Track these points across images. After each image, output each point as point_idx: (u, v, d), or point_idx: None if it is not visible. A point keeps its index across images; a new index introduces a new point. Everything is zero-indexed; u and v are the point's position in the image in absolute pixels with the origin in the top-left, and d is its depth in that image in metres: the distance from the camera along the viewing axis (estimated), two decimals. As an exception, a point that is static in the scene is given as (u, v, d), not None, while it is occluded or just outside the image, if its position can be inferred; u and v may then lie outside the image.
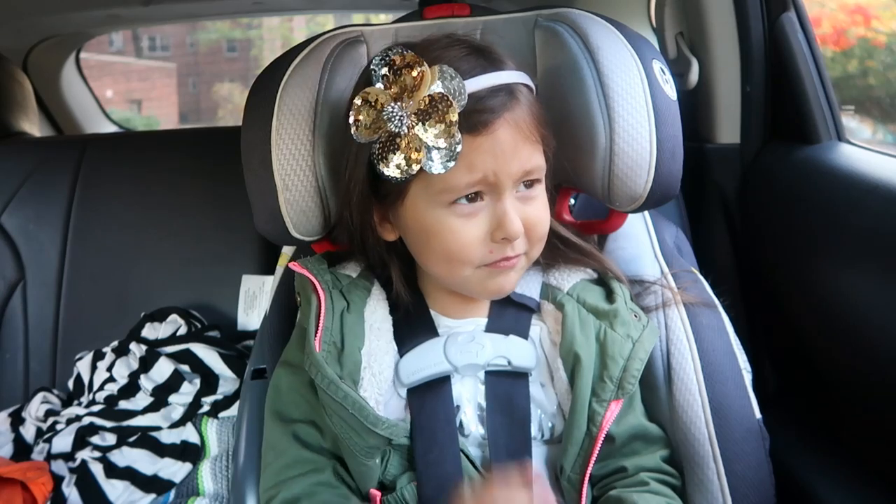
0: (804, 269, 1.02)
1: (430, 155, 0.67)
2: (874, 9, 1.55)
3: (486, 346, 0.75)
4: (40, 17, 1.85)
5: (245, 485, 0.81)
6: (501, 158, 0.68)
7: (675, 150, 0.79)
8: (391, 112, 0.68)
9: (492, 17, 0.86)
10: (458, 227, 0.70)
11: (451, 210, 0.70)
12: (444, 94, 0.66)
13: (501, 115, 0.68)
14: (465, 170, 0.68)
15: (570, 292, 0.81)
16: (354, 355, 0.73)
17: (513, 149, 0.69)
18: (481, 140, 0.68)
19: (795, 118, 1.10)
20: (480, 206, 0.71)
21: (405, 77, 0.68)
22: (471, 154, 0.67)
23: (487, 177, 0.69)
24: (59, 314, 1.49)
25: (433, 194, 0.70)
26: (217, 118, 10.58)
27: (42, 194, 1.54)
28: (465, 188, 0.69)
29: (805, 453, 0.97)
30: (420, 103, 0.67)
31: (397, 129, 0.68)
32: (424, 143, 0.67)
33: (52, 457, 1.20)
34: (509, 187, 0.70)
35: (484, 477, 0.72)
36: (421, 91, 0.67)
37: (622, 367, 0.74)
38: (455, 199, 0.70)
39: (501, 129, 0.68)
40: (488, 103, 0.68)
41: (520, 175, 0.70)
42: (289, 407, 0.76)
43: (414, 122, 0.67)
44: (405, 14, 0.89)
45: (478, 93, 0.68)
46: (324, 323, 0.73)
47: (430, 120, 0.66)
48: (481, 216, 0.71)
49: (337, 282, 0.79)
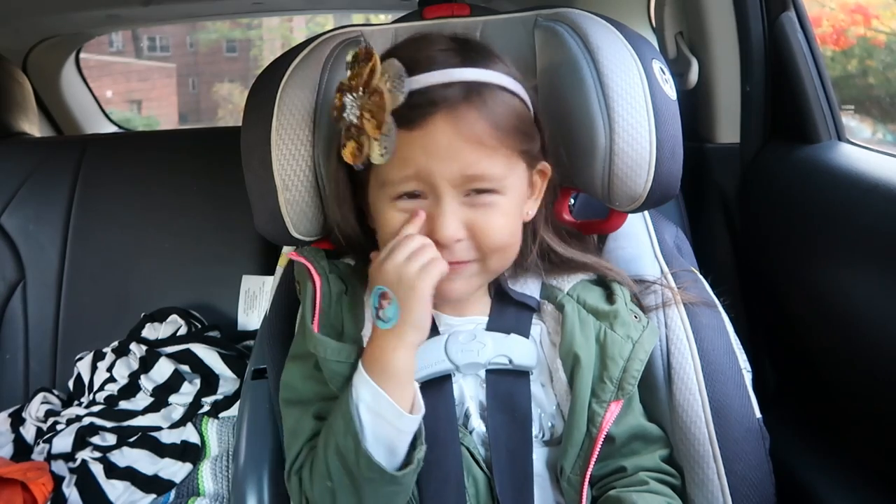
0: (804, 269, 1.02)
1: (371, 146, 0.68)
2: (874, 8, 1.55)
3: (487, 345, 0.75)
4: (40, 17, 1.85)
5: (245, 485, 0.81)
6: (434, 156, 0.68)
7: (675, 150, 0.79)
8: (345, 102, 0.70)
9: (492, 17, 0.86)
10: (397, 223, 0.71)
11: (393, 205, 0.71)
12: (379, 87, 0.67)
13: (440, 110, 0.67)
14: (400, 164, 0.68)
15: (571, 293, 0.81)
16: (354, 336, 0.74)
17: (448, 148, 0.67)
18: (415, 135, 0.67)
19: (795, 118, 1.10)
20: (420, 205, 0.70)
21: (361, 69, 0.69)
22: (403, 148, 0.68)
23: (420, 173, 0.68)
24: (59, 314, 1.50)
25: (378, 186, 0.72)
26: (217, 118, 10.59)
27: (42, 194, 1.55)
28: (399, 182, 0.70)
29: (805, 453, 0.97)
30: (367, 95, 0.68)
31: (348, 119, 0.70)
32: (367, 134, 0.68)
33: (53, 457, 1.20)
34: (447, 189, 0.69)
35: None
36: (370, 84, 0.68)
37: (622, 368, 0.74)
38: (397, 195, 0.70)
39: (435, 126, 0.67)
40: (430, 96, 0.67)
41: (459, 179, 0.68)
42: (303, 393, 0.75)
43: (362, 114, 0.68)
44: (405, 14, 0.89)
45: (426, 88, 0.67)
46: (320, 307, 0.74)
47: (369, 112, 0.68)
48: (424, 217, 0.70)
49: (334, 267, 0.79)
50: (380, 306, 0.68)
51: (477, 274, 0.74)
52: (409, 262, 0.68)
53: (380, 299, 0.68)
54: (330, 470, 0.67)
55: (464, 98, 0.68)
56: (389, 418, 0.66)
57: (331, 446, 0.67)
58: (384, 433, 0.66)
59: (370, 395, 0.66)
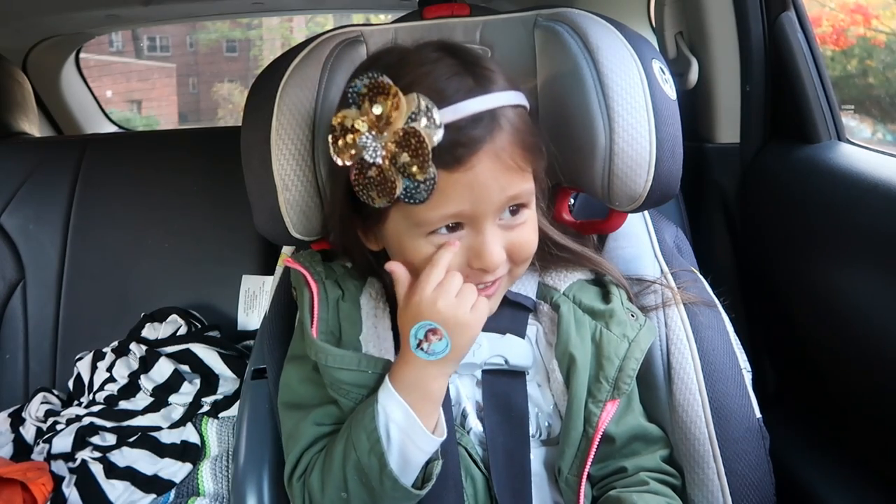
0: (804, 269, 1.02)
1: (405, 187, 0.65)
2: (874, 8, 1.55)
3: (482, 345, 0.75)
4: (40, 17, 1.85)
5: (245, 485, 0.81)
6: (479, 192, 0.66)
7: (675, 150, 0.79)
8: (366, 142, 0.65)
9: (491, 17, 0.86)
10: (428, 254, 0.69)
11: (428, 240, 0.69)
12: (417, 129, 0.63)
13: (481, 148, 0.65)
14: (442, 204, 0.66)
15: (567, 293, 0.81)
16: (353, 342, 0.74)
17: (492, 181, 0.66)
18: (458, 175, 0.65)
19: (795, 118, 1.10)
20: (460, 236, 0.69)
21: (380, 104, 0.65)
22: (447, 189, 0.65)
23: (463, 211, 0.67)
24: (59, 314, 1.49)
25: (410, 225, 0.69)
26: (217, 118, 10.58)
27: (42, 194, 1.54)
28: (441, 221, 0.68)
29: (805, 453, 0.97)
30: (394, 135, 0.64)
31: (372, 159, 0.65)
32: (399, 175, 0.65)
33: (52, 457, 1.20)
34: (489, 218, 0.68)
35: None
36: (396, 123, 0.64)
37: (618, 367, 0.74)
38: (434, 230, 0.69)
39: (480, 164, 0.65)
40: (468, 134, 0.65)
41: (502, 204, 0.68)
42: (301, 396, 0.76)
43: (389, 153, 0.64)
44: (405, 14, 0.89)
45: (457, 122, 0.65)
46: (318, 314, 0.74)
47: (404, 153, 0.64)
48: (460, 246, 0.69)
49: (331, 272, 0.79)
50: (426, 339, 0.67)
51: (506, 286, 0.75)
52: (461, 302, 0.67)
53: (427, 333, 0.67)
54: (347, 483, 0.68)
55: (498, 128, 0.66)
56: (418, 440, 0.67)
57: (350, 460, 0.67)
58: (409, 453, 0.67)
59: (403, 416, 0.66)
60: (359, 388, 0.70)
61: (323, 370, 0.71)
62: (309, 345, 0.72)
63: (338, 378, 0.70)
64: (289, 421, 0.76)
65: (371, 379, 0.70)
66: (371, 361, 0.70)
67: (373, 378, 0.70)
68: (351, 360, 0.70)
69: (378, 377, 0.70)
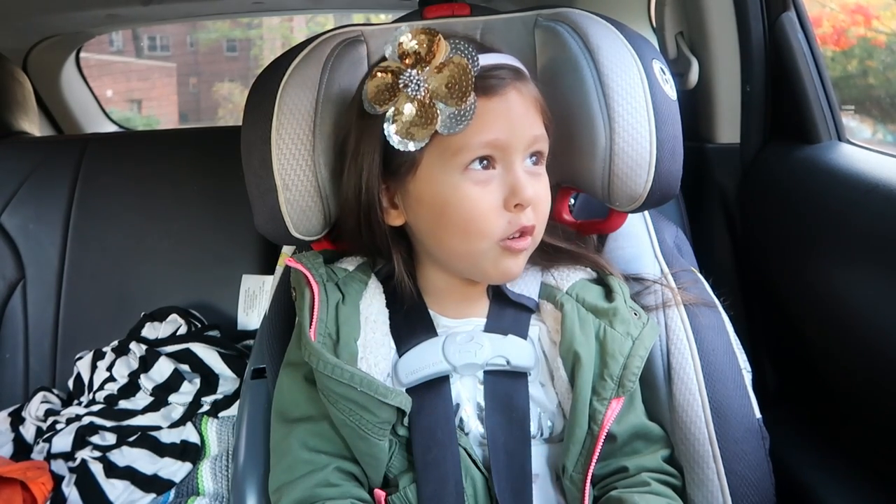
0: (804, 269, 1.02)
1: (445, 117, 0.69)
2: (874, 8, 1.55)
3: (484, 346, 0.75)
4: (40, 17, 1.85)
5: (245, 485, 0.81)
6: (514, 121, 0.71)
7: (675, 150, 0.79)
8: (408, 77, 0.71)
9: (492, 17, 0.86)
10: (475, 195, 0.71)
11: (465, 176, 0.71)
12: (459, 59, 0.70)
13: (512, 83, 0.72)
14: (481, 130, 0.70)
15: (570, 291, 0.81)
16: (350, 346, 0.74)
17: (524, 114, 0.72)
18: (494, 103, 0.71)
19: (795, 118, 1.10)
20: (493, 175, 0.72)
21: (420, 48, 0.71)
22: (484, 115, 0.70)
23: (499, 138, 0.71)
24: (59, 314, 1.49)
25: (448, 158, 0.71)
26: (217, 118, 10.57)
27: (42, 194, 1.54)
28: (479, 148, 0.71)
29: (805, 453, 0.97)
30: (436, 69, 0.70)
31: (414, 93, 0.70)
32: (439, 106, 0.69)
33: (52, 456, 1.20)
34: (520, 153, 0.72)
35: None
36: (437, 58, 0.71)
37: (622, 365, 0.74)
38: (469, 163, 0.71)
39: (512, 95, 0.72)
40: (499, 73, 0.72)
41: (530, 140, 0.72)
42: (289, 406, 0.76)
43: (430, 86, 0.70)
44: (405, 14, 0.89)
45: (488, 65, 0.72)
46: (318, 315, 0.74)
47: (444, 85, 0.69)
48: (495, 184, 0.71)
49: (332, 274, 0.79)
50: None
51: (531, 249, 0.76)
52: None
53: None
54: None
55: (523, 77, 0.74)
56: None
57: None
58: None
59: None
60: (347, 401, 0.70)
61: (316, 374, 0.71)
62: (305, 347, 0.72)
63: (328, 386, 0.70)
64: (276, 432, 0.76)
65: (360, 397, 0.69)
66: (363, 381, 0.69)
67: (362, 396, 0.69)
68: (342, 374, 0.69)
69: (367, 397, 0.69)
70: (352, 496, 0.72)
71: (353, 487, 0.73)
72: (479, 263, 0.75)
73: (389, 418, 0.71)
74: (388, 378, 0.75)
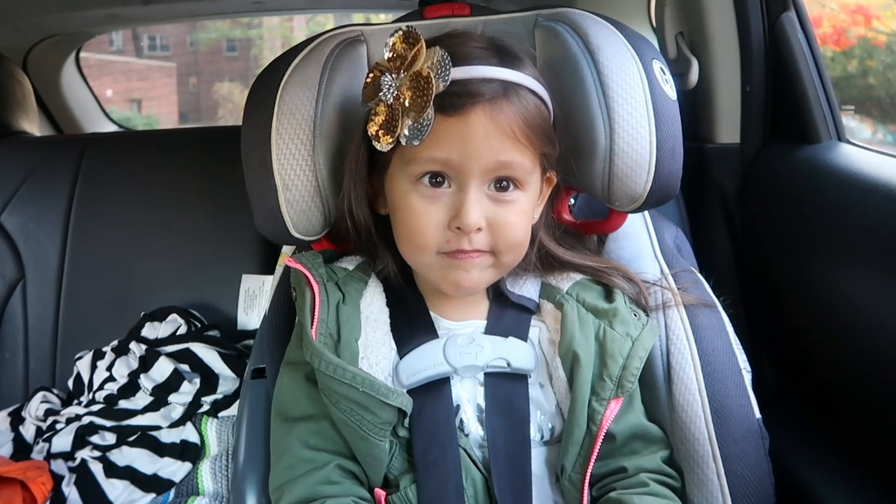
0: (804, 269, 1.02)
1: (406, 128, 0.69)
2: (874, 8, 1.55)
3: (485, 348, 0.75)
4: (40, 17, 1.85)
5: (245, 484, 0.81)
6: (470, 144, 0.69)
7: (675, 150, 0.79)
8: (383, 81, 0.72)
9: (492, 17, 0.86)
10: (419, 208, 0.72)
11: (414, 188, 0.72)
12: (427, 73, 0.68)
13: (479, 102, 0.69)
14: (433, 146, 0.69)
15: (570, 292, 0.81)
16: (351, 346, 0.74)
17: (484, 138, 0.69)
18: (453, 122, 0.69)
19: (795, 118, 1.10)
20: (443, 192, 0.71)
21: (405, 53, 0.71)
22: (440, 133, 0.69)
23: (450, 158, 0.69)
24: (59, 314, 1.49)
25: (403, 165, 0.72)
26: (217, 118, 10.57)
27: (42, 194, 1.54)
28: (427, 163, 0.70)
29: (805, 453, 0.97)
30: (411, 77, 0.69)
31: (384, 97, 0.71)
32: (403, 114, 0.69)
33: (52, 456, 1.20)
34: (476, 177, 0.70)
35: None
36: (413, 67, 0.70)
37: (621, 366, 0.74)
38: (419, 176, 0.71)
39: (476, 117, 0.69)
40: (472, 89, 0.69)
41: (492, 166, 0.70)
42: (289, 405, 0.76)
43: (399, 93, 0.70)
44: (405, 14, 0.89)
45: (467, 79, 0.69)
46: (319, 315, 0.74)
47: (410, 94, 0.69)
48: (442, 202, 0.71)
49: (333, 274, 0.79)
50: None
51: (490, 267, 0.75)
52: None
53: None
54: None
55: (502, 94, 0.70)
56: None
57: None
58: None
59: None
60: (348, 401, 0.70)
61: (318, 374, 0.71)
62: (306, 347, 0.72)
63: (330, 386, 0.70)
64: (276, 431, 0.76)
65: (362, 397, 0.69)
66: (364, 381, 0.69)
67: (363, 396, 0.69)
68: (344, 374, 0.69)
69: (368, 397, 0.69)
70: (353, 494, 0.72)
71: (354, 486, 0.73)
72: (428, 273, 0.76)
73: (390, 419, 0.71)
74: (389, 378, 0.75)
